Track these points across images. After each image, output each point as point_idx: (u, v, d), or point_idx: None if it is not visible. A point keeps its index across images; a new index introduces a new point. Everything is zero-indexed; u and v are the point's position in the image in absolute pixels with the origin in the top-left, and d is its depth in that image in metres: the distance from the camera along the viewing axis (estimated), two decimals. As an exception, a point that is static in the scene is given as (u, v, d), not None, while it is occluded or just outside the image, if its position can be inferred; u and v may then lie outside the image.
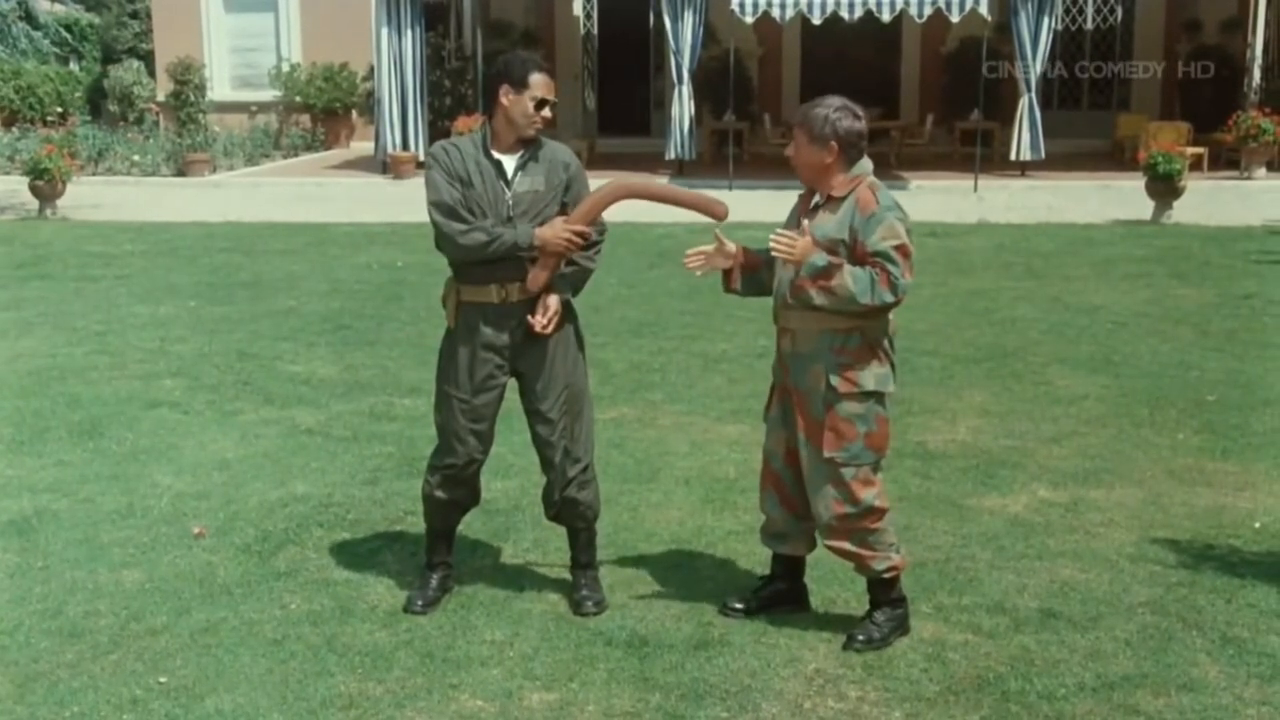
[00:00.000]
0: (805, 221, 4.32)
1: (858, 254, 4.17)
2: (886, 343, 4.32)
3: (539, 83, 4.44)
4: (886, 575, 4.37)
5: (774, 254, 4.23)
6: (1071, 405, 7.30)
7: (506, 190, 4.52)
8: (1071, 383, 7.79)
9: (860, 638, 4.33)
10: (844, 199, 4.25)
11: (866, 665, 4.24)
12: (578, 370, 4.67)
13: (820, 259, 4.16)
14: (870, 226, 4.17)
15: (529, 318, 4.51)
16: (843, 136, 4.23)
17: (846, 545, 4.34)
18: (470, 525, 5.41)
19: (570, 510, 4.71)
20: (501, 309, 4.53)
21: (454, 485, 4.70)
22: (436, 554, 4.81)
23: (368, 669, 4.23)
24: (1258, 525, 5.48)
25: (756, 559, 4.89)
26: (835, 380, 4.24)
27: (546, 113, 4.48)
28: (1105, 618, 4.58)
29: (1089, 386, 7.70)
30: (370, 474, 6.19)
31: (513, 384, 4.70)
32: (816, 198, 4.34)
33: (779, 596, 4.60)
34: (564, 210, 4.57)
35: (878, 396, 4.29)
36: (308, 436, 6.79)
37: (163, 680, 4.17)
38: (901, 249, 4.15)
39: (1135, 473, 6.16)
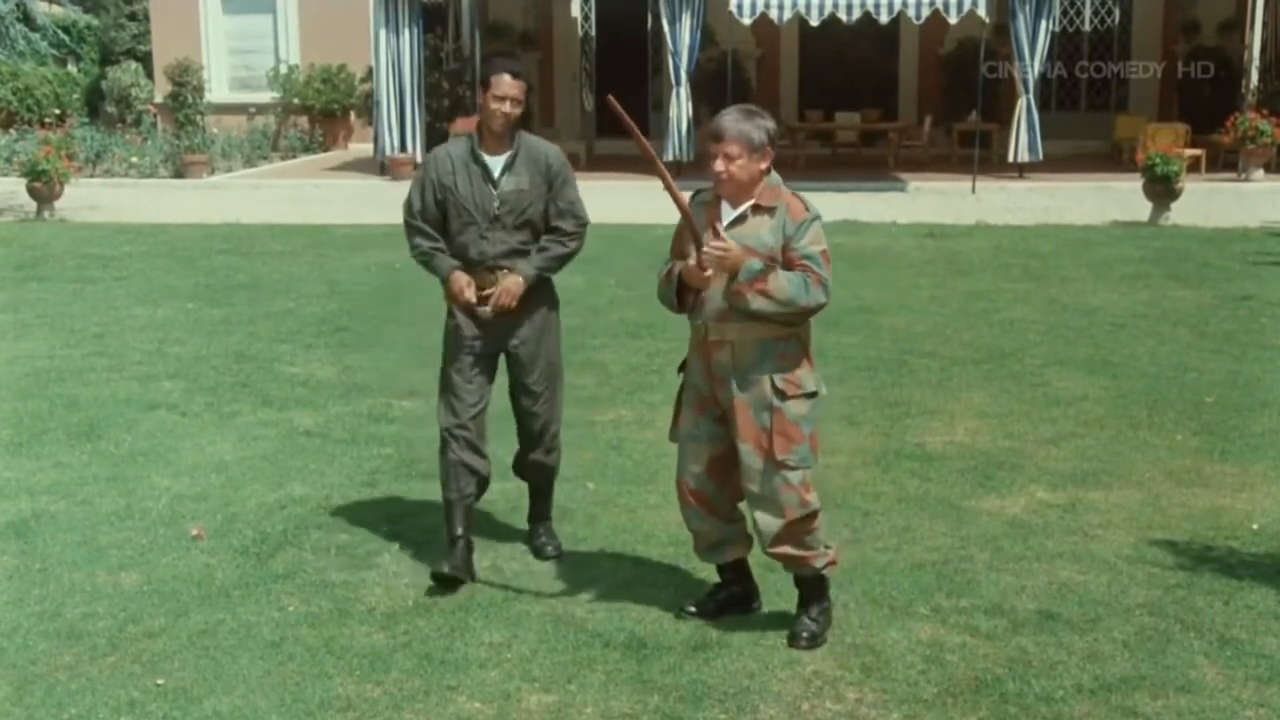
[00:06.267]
0: (723, 231, 4.26)
1: (787, 258, 4.22)
2: (812, 347, 4.42)
3: (498, 82, 4.82)
4: (826, 571, 4.45)
5: (706, 262, 4.19)
6: (1070, 407, 7.30)
7: (493, 190, 4.88)
8: (1070, 384, 7.80)
9: (805, 635, 4.39)
10: (773, 208, 4.27)
11: (864, 667, 4.24)
12: (557, 351, 5.14)
13: (756, 263, 4.19)
14: (801, 231, 4.23)
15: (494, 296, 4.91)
16: (772, 140, 4.29)
17: (789, 550, 4.40)
18: (468, 527, 5.42)
19: (537, 471, 5.23)
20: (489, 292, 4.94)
21: (459, 445, 4.96)
22: (454, 527, 5.00)
23: (366, 671, 4.24)
24: (1256, 527, 5.48)
25: (755, 560, 4.88)
26: (781, 384, 4.30)
27: (506, 107, 4.81)
28: (1103, 619, 4.58)
29: (1087, 388, 7.70)
30: (368, 476, 6.19)
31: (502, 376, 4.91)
32: (740, 209, 4.29)
33: (734, 599, 4.66)
34: (547, 210, 4.94)
35: (816, 398, 4.38)
36: (306, 438, 6.79)
37: (160, 682, 4.17)
38: (825, 254, 4.25)
39: (1133, 474, 6.16)
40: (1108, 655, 4.31)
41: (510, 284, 4.90)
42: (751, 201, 4.28)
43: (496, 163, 4.89)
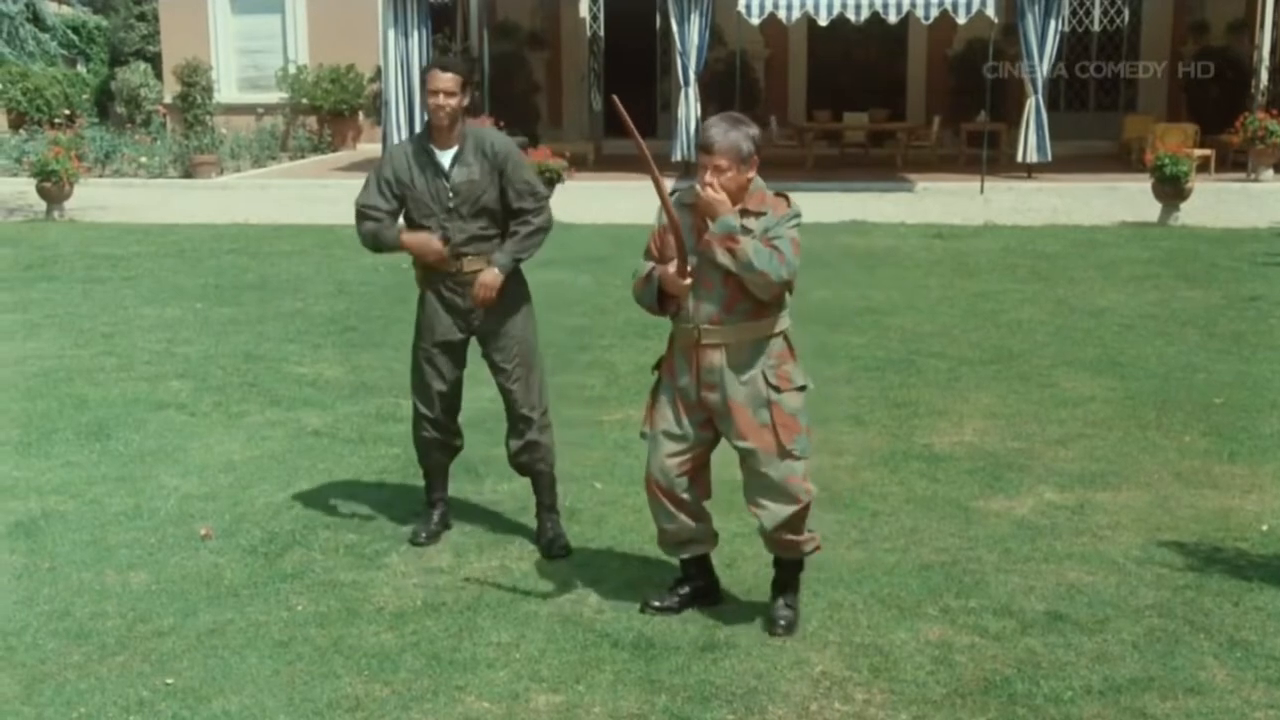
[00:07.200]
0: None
1: (762, 242, 4.31)
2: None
3: (430, 77, 5.06)
4: (811, 555, 4.57)
5: (700, 195, 4.27)
6: (1078, 408, 7.29)
7: (446, 183, 5.10)
8: (1078, 385, 7.78)
9: (782, 622, 4.48)
10: (762, 212, 4.33)
11: (873, 668, 4.24)
12: (529, 330, 5.28)
13: (734, 220, 4.28)
14: (781, 224, 4.32)
15: (473, 293, 5.13)
16: (758, 147, 4.35)
17: (788, 535, 4.48)
18: (476, 527, 5.44)
19: (530, 454, 5.29)
20: (458, 278, 5.15)
21: (430, 426, 5.34)
22: (434, 491, 5.47)
23: (374, 670, 4.24)
24: (1265, 528, 5.47)
25: (762, 560, 4.88)
26: (774, 379, 4.38)
27: (439, 100, 5.01)
28: (1112, 620, 4.58)
29: (1095, 389, 7.69)
30: (376, 475, 6.21)
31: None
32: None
33: (698, 593, 4.71)
34: (504, 194, 5.09)
35: (805, 391, 4.48)
36: (314, 438, 6.80)
37: (169, 681, 4.18)
38: (795, 242, 4.33)
39: (1142, 475, 6.15)
40: (1117, 656, 4.31)
41: (487, 277, 5.07)
42: (740, 206, 4.33)
43: (446, 156, 5.11)
